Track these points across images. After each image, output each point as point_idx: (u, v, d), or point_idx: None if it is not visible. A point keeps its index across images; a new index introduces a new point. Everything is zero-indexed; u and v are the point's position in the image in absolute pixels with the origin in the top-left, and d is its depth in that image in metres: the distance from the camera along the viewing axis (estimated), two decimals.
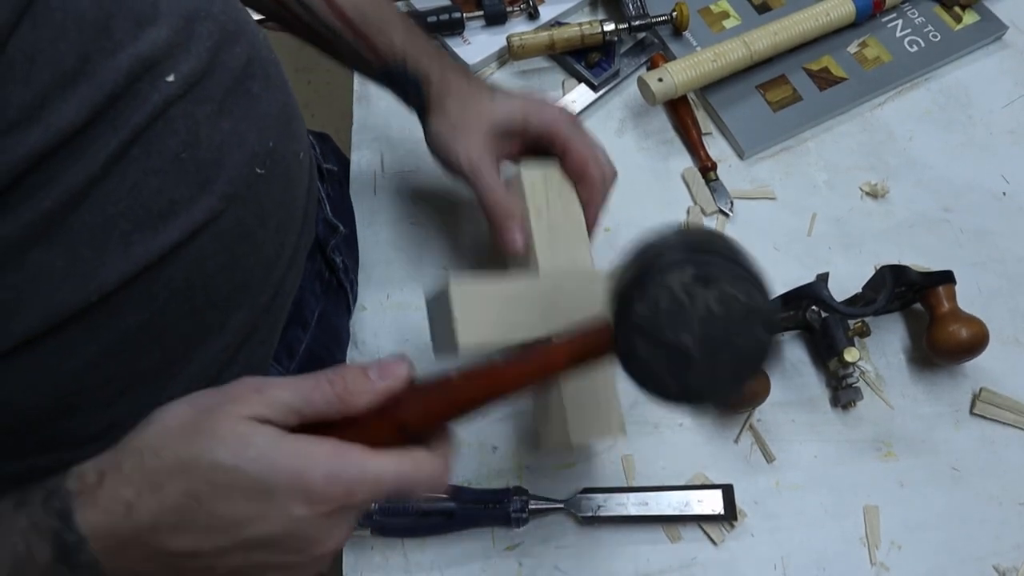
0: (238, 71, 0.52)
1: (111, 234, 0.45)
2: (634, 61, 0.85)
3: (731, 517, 0.63)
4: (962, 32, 0.86)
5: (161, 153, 0.46)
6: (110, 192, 0.45)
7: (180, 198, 0.48)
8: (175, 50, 0.47)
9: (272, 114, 0.56)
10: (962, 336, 0.65)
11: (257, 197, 0.54)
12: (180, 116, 0.47)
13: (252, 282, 0.56)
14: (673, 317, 0.41)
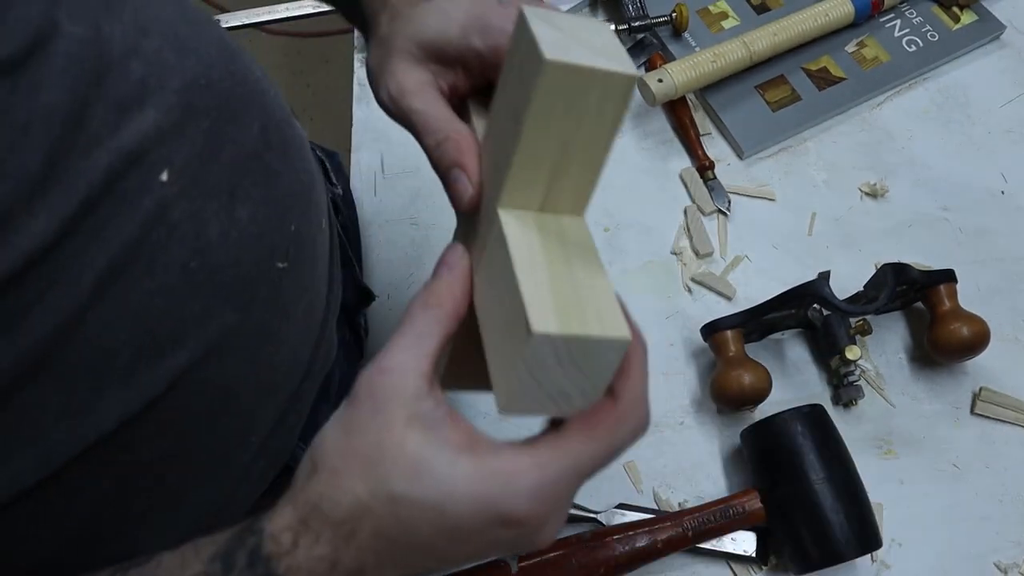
0: (251, 146, 0.43)
1: (109, 367, 0.38)
2: (634, 62, 0.85)
3: (762, 561, 0.63)
4: (960, 32, 0.86)
5: (166, 267, 0.39)
6: (105, 320, 0.37)
7: (191, 316, 0.40)
8: (167, 137, 0.38)
9: (294, 189, 0.47)
10: (963, 334, 0.65)
11: (280, 294, 0.46)
12: (184, 218, 0.39)
13: (278, 380, 0.49)
14: None
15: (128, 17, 0.38)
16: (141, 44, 0.38)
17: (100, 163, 0.36)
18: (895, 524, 0.64)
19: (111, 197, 0.36)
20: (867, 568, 0.63)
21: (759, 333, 0.71)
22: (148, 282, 0.38)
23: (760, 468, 0.63)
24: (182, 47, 0.40)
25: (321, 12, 0.87)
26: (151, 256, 0.38)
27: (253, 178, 0.43)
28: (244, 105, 0.43)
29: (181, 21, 0.41)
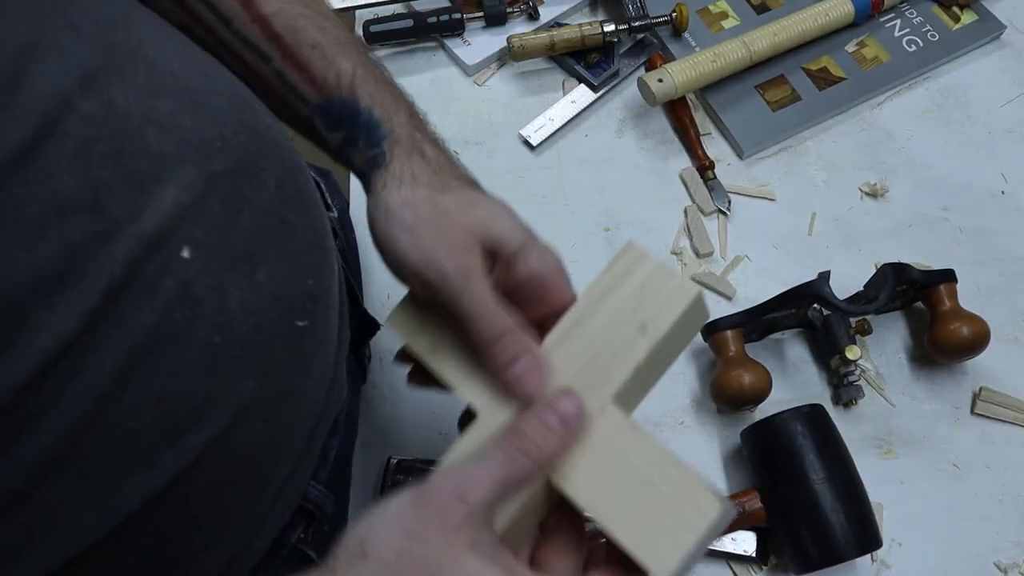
0: (268, 203, 0.41)
1: (133, 452, 0.37)
2: (633, 61, 0.86)
3: (762, 561, 0.63)
4: (960, 32, 0.86)
5: (188, 346, 0.37)
6: (128, 407, 0.36)
7: (214, 390, 0.39)
8: (188, 211, 0.37)
9: (309, 240, 0.45)
10: (964, 334, 0.65)
11: (300, 353, 0.44)
12: (206, 293, 0.37)
13: (296, 433, 0.48)
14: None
15: (141, 78, 0.36)
16: (155, 109, 0.37)
17: (121, 251, 0.34)
18: (895, 524, 0.64)
19: (133, 284, 0.35)
20: (867, 568, 0.63)
21: (759, 333, 0.71)
22: (171, 363, 0.37)
23: (760, 468, 0.63)
24: (196, 105, 0.39)
25: None
26: (174, 337, 0.37)
27: (271, 236, 0.41)
28: (259, 159, 0.41)
29: (192, 72, 0.40)
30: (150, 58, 0.37)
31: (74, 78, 0.34)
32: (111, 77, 0.35)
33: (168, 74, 0.38)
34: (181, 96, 0.38)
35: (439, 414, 0.69)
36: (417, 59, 0.87)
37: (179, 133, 0.37)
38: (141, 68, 0.37)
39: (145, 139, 0.36)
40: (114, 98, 0.35)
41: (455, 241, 0.42)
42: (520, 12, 0.88)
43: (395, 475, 0.63)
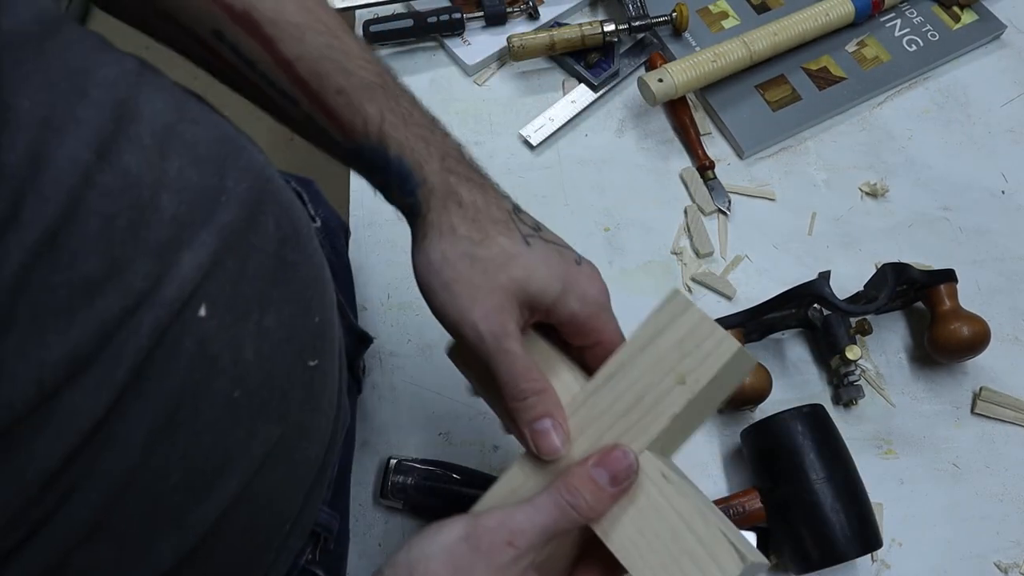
0: (270, 247, 0.41)
1: (162, 515, 0.38)
2: (634, 61, 0.86)
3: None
4: (961, 32, 0.86)
5: (211, 404, 0.37)
6: (156, 473, 0.36)
7: (236, 443, 0.39)
8: (208, 268, 0.37)
9: (310, 276, 0.45)
10: (964, 334, 0.65)
11: (312, 392, 0.45)
12: (223, 349, 0.37)
13: (309, 467, 0.49)
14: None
15: (147, 138, 0.36)
16: (165, 170, 0.36)
17: (146, 322, 0.34)
18: (895, 524, 0.64)
19: (157, 351, 0.35)
20: (867, 568, 0.63)
21: (759, 333, 0.71)
22: (195, 424, 0.37)
23: (760, 468, 0.63)
24: (199, 157, 0.38)
25: None
26: (195, 397, 0.37)
27: (275, 279, 0.41)
28: (258, 204, 0.41)
29: (186, 123, 0.39)
30: (147, 114, 0.37)
31: (92, 150, 0.33)
32: (121, 143, 0.35)
33: (165, 129, 0.37)
34: (183, 152, 0.38)
35: (439, 414, 0.69)
36: (417, 59, 0.87)
37: (189, 192, 0.37)
38: (144, 128, 0.36)
39: (160, 204, 0.35)
40: (127, 165, 0.34)
41: (491, 303, 0.42)
42: (520, 12, 0.88)
43: (395, 475, 0.63)
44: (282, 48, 0.43)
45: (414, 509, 0.64)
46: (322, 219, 0.69)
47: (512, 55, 0.83)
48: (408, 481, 0.63)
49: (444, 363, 0.71)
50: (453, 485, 0.63)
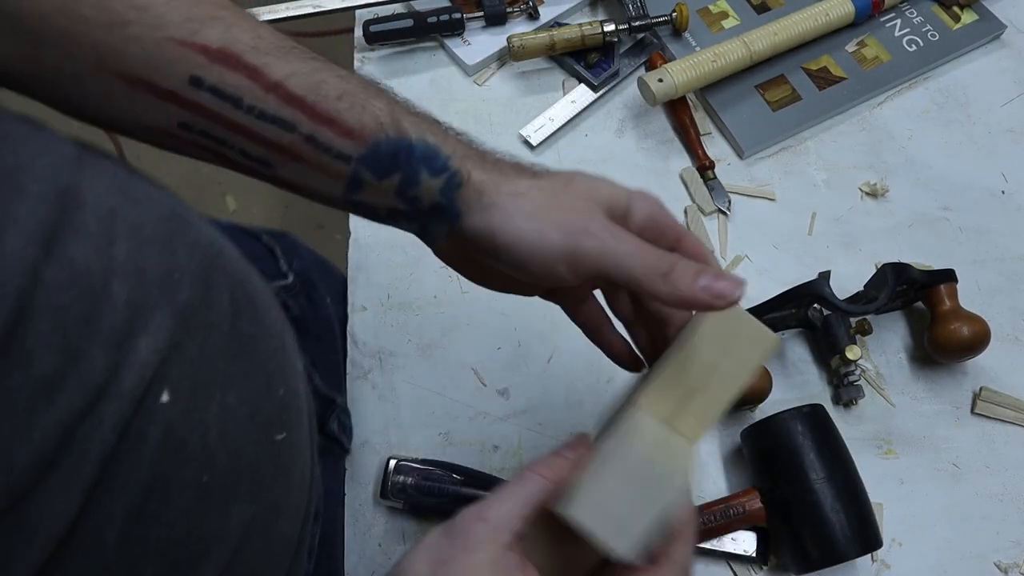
0: (227, 323, 0.40)
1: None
2: (633, 61, 0.86)
3: (762, 561, 0.63)
4: (961, 31, 0.86)
5: (180, 491, 0.36)
6: (130, 568, 0.35)
7: (210, 528, 0.39)
8: (166, 352, 0.35)
9: (270, 347, 0.44)
10: (964, 334, 0.65)
11: (281, 465, 0.44)
12: (188, 433, 0.36)
13: (285, 542, 0.48)
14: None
15: (93, 225, 0.34)
16: (114, 256, 0.35)
17: (108, 415, 0.33)
18: (895, 524, 0.64)
19: (123, 443, 0.33)
20: (867, 568, 0.63)
21: None
22: (167, 514, 0.36)
23: (760, 468, 0.63)
24: (146, 239, 0.37)
25: (321, 12, 0.86)
26: (165, 486, 0.35)
27: (233, 355, 0.40)
28: (210, 278, 0.39)
29: (128, 205, 0.37)
30: (89, 201, 0.35)
31: (36, 244, 0.32)
32: (66, 234, 0.33)
33: (109, 214, 0.36)
34: (129, 235, 0.36)
35: (439, 414, 0.69)
36: (417, 59, 0.87)
37: (140, 276, 0.35)
38: (90, 215, 0.35)
39: (112, 291, 0.34)
40: (74, 256, 0.33)
41: (584, 208, 0.42)
42: (520, 12, 0.88)
43: (395, 475, 0.63)
44: (269, 72, 0.41)
45: (414, 509, 0.64)
46: (297, 272, 0.67)
47: (512, 55, 0.83)
48: (408, 481, 0.63)
49: (444, 363, 0.71)
50: (453, 485, 0.63)
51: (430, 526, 0.64)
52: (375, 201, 0.44)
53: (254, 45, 0.41)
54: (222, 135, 0.42)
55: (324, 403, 0.63)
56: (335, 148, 0.42)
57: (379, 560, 0.63)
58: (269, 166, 0.43)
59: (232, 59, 0.41)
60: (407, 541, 0.64)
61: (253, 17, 0.43)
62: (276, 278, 0.66)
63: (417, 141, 0.42)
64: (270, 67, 0.41)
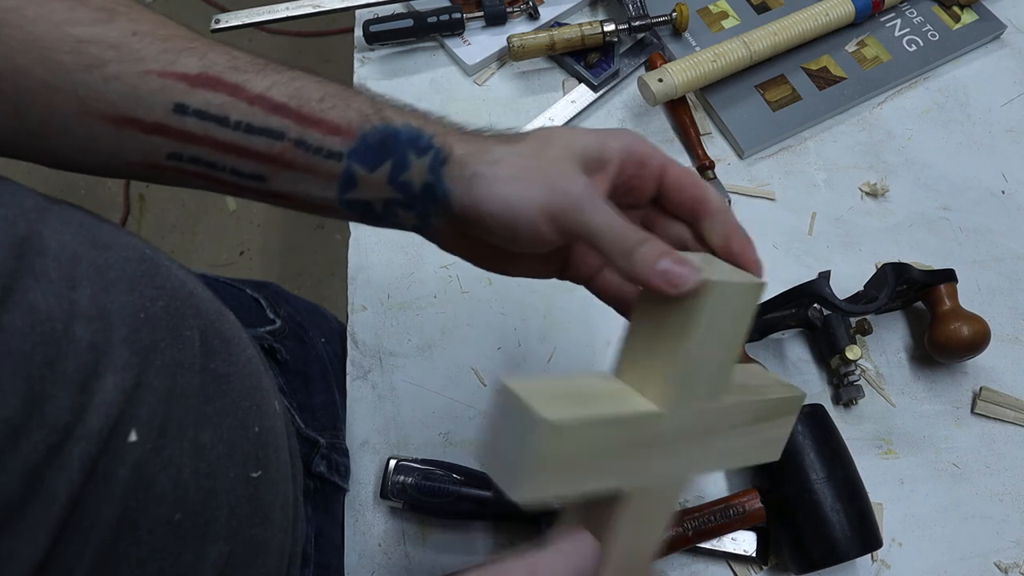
0: (197, 362, 0.40)
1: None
2: (633, 61, 0.86)
3: (762, 561, 0.63)
4: (961, 31, 0.86)
5: (152, 530, 0.37)
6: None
7: (185, 566, 0.39)
8: (132, 393, 0.36)
9: (245, 386, 0.44)
10: (964, 334, 0.65)
11: (259, 503, 0.44)
12: (158, 472, 0.37)
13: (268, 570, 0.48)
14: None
15: (54, 272, 0.35)
16: (75, 301, 0.35)
17: (75, 456, 0.33)
18: (895, 524, 0.64)
19: (90, 484, 0.34)
20: (867, 568, 0.63)
21: (759, 333, 0.71)
22: (138, 552, 0.36)
23: (760, 468, 0.63)
24: (111, 282, 0.37)
25: (321, 12, 0.87)
26: (135, 525, 0.36)
27: (206, 394, 0.40)
28: (181, 318, 0.40)
29: (96, 251, 0.38)
30: (53, 248, 0.36)
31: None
32: (26, 281, 0.34)
33: (73, 260, 0.36)
34: (93, 279, 0.37)
35: (439, 414, 0.69)
36: (417, 59, 0.87)
37: (104, 319, 0.36)
38: (51, 262, 0.35)
39: (74, 336, 0.34)
40: (34, 302, 0.33)
41: (562, 168, 0.41)
42: (520, 12, 0.88)
43: (395, 475, 0.63)
44: (250, 86, 0.42)
45: (414, 509, 0.64)
46: (285, 317, 0.68)
47: (512, 55, 0.83)
48: (408, 481, 0.63)
49: (444, 363, 0.71)
50: (453, 485, 0.63)
51: (430, 526, 0.64)
52: (370, 196, 0.44)
53: (232, 65, 0.42)
54: (213, 158, 0.42)
55: (307, 444, 0.62)
56: (325, 147, 0.42)
57: (379, 560, 0.63)
58: (262, 180, 0.43)
59: (213, 80, 0.41)
60: (407, 541, 0.64)
61: (224, 44, 0.44)
62: (263, 324, 0.66)
63: (402, 126, 0.43)
64: (250, 82, 0.42)
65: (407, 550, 0.64)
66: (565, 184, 0.41)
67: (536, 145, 0.43)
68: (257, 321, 0.66)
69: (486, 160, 0.42)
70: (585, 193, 0.41)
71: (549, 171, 0.41)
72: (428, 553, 0.64)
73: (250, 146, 0.42)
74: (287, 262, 1.90)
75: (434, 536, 0.64)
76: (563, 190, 0.41)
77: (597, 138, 0.43)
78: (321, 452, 0.63)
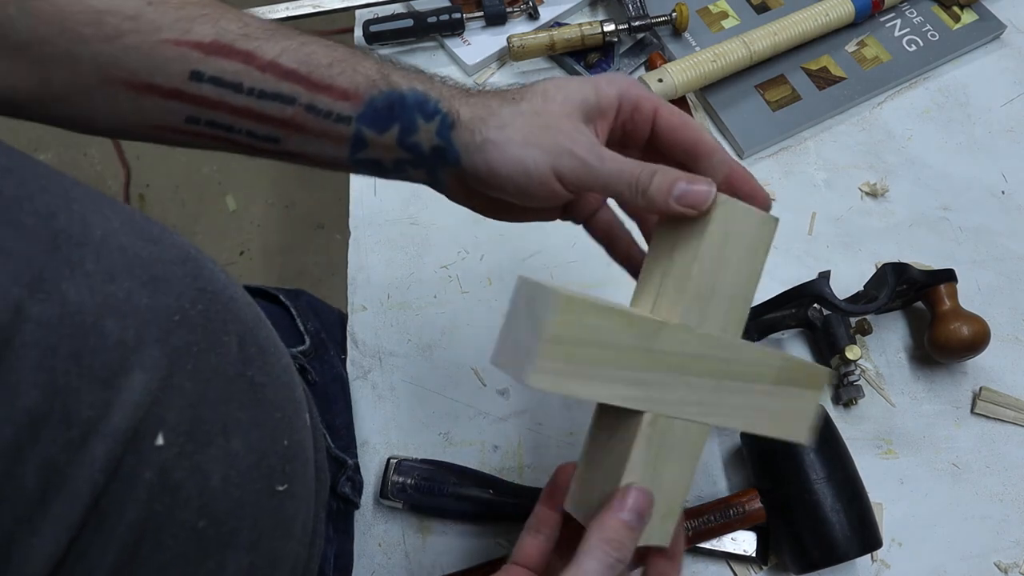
0: (233, 368, 0.40)
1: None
2: (633, 61, 0.86)
3: (762, 561, 0.63)
4: (960, 31, 0.86)
5: (175, 536, 0.36)
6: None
7: (206, 573, 0.39)
8: (158, 395, 0.35)
9: (279, 398, 0.44)
10: (964, 334, 0.65)
11: (283, 517, 0.44)
12: (186, 477, 0.36)
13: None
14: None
15: (91, 264, 0.35)
16: (111, 294, 0.35)
17: (98, 453, 0.33)
18: (895, 524, 0.64)
19: (113, 484, 0.33)
20: (867, 568, 0.63)
21: (759, 333, 0.71)
22: (160, 557, 0.36)
23: (760, 468, 0.63)
24: (151, 279, 0.37)
25: (321, 12, 0.86)
26: (158, 529, 0.35)
27: (240, 401, 0.40)
28: (219, 324, 0.40)
29: (143, 243, 0.38)
30: (97, 238, 0.36)
31: (22, 284, 0.32)
32: (60, 271, 0.34)
33: (118, 251, 0.37)
34: (135, 273, 0.37)
35: (439, 414, 0.69)
36: (417, 59, 0.87)
37: (138, 315, 0.36)
38: (90, 252, 0.35)
39: (104, 330, 0.34)
40: (66, 293, 0.33)
41: (565, 125, 0.43)
42: (520, 12, 0.88)
43: (395, 475, 0.63)
44: (261, 53, 0.43)
45: (414, 509, 0.64)
46: (312, 334, 0.68)
47: (512, 55, 0.83)
48: (408, 481, 0.63)
49: (444, 363, 0.71)
50: (453, 485, 0.63)
51: (430, 526, 0.64)
52: (380, 156, 0.46)
53: (243, 32, 0.44)
54: (229, 122, 0.45)
55: (335, 464, 0.63)
56: (335, 112, 0.44)
57: (379, 560, 0.63)
58: (276, 141, 0.46)
59: (225, 49, 0.43)
60: (407, 541, 0.64)
61: (236, 9, 0.45)
62: (296, 343, 0.67)
63: (408, 91, 0.45)
64: (262, 49, 0.43)
65: (407, 550, 0.64)
66: (572, 144, 0.42)
67: (538, 101, 0.44)
68: (290, 340, 0.66)
69: (494, 124, 0.43)
70: (590, 149, 0.43)
71: (556, 130, 0.43)
72: (428, 553, 0.64)
73: (264, 111, 0.44)
74: (287, 262, 1.90)
75: (434, 536, 0.64)
76: (571, 151, 0.42)
77: (594, 86, 0.45)
78: (348, 473, 0.63)
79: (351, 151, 0.46)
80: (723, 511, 0.61)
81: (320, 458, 0.53)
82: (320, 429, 0.57)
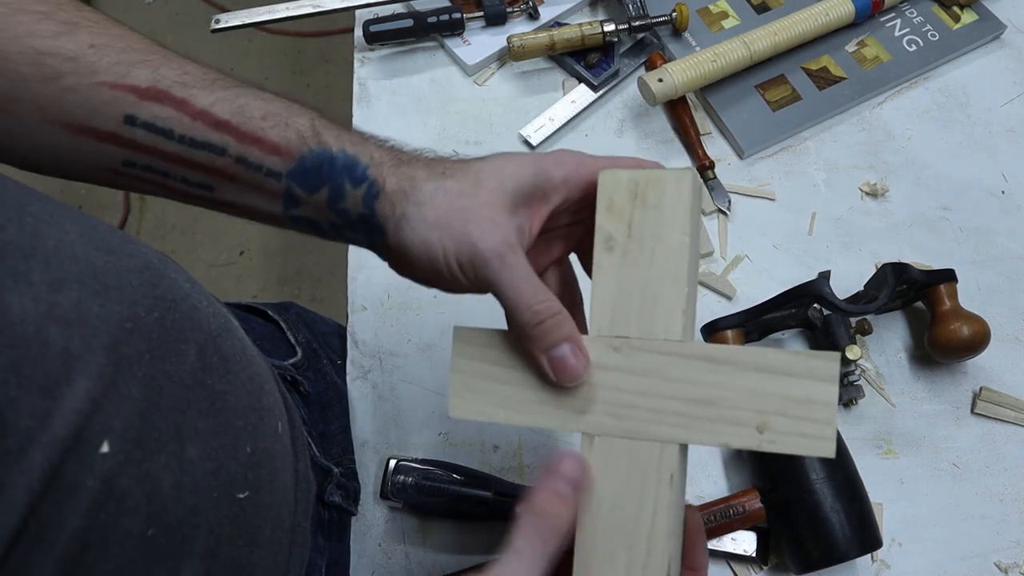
0: (191, 376, 0.40)
1: None
2: (633, 61, 0.86)
3: (762, 561, 0.63)
4: (961, 31, 0.86)
5: (122, 544, 0.35)
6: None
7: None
8: (102, 404, 0.34)
9: (242, 405, 0.43)
10: (964, 334, 0.65)
11: (245, 525, 0.43)
12: (133, 485, 0.36)
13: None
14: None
15: (38, 274, 0.34)
16: (56, 304, 0.34)
17: (36, 462, 0.32)
18: (895, 524, 0.64)
19: (52, 491, 0.33)
20: (867, 568, 0.63)
21: (759, 333, 0.71)
22: (105, 565, 0.35)
23: (760, 468, 0.63)
24: (104, 288, 0.37)
25: (321, 12, 0.87)
26: (103, 538, 0.35)
27: (198, 409, 0.39)
28: (177, 332, 0.39)
29: (98, 252, 0.38)
30: (49, 248, 0.35)
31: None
32: (3, 282, 0.33)
33: (70, 260, 0.36)
34: (85, 282, 0.36)
35: (439, 414, 0.69)
36: (417, 59, 0.87)
37: (85, 323, 0.35)
38: (38, 263, 0.35)
39: (47, 339, 0.33)
40: (8, 304, 0.33)
41: (483, 217, 0.41)
42: (520, 12, 0.88)
43: (395, 475, 0.64)
44: (195, 101, 0.43)
45: (414, 509, 0.64)
46: (304, 344, 0.68)
47: (512, 55, 0.83)
48: (408, 481, 0.63)
49: (444, 363, 0.71)
50: (453, 485, 0.63)
51: (430, 526, 0.64)
52: (313, 215, 0.45)
53: (180, 80, 0.44)
54: (163, 167, 0.45)
55: (321, 473, 0.62)
56: (265, 166, 0.44)
57: (379, 560, 0.63)
58: (211, 189, 0.45)
59: (160, 94, 0.43)
60: (407, 541, 0.64)
61: (180, 56, 0.45)
62: (288, 356, 0.67)
63: (338, 152, 0.43)
64: (196, 97, 0.43)
65: (407, 550, 0.64)
66: (479, 238, 0.41)
67: (468, 182, 0.42)
68: (281, 353, 0.67)
69: (413, 200, 0.42)
70: (496, 249, 0.41)
71: (470, 219, 0.41)
72: (428, 553, 0.64)
73: (195, 159, 0.44)
74: (287, 262, 1.90)
75: (434, 536, 0.64)
76: (474, 243, 0.41)
77: (536, 169, 0.43)
78: (336, 481, 0.63)
79: (284, 207, 0.45)
80: (723, 511, 0.61)
81: (303, 467, 0.52)
82: (305, 438, 0.56)
